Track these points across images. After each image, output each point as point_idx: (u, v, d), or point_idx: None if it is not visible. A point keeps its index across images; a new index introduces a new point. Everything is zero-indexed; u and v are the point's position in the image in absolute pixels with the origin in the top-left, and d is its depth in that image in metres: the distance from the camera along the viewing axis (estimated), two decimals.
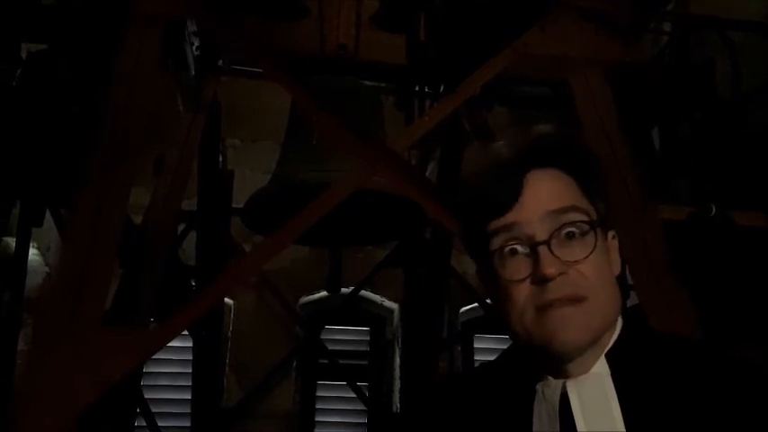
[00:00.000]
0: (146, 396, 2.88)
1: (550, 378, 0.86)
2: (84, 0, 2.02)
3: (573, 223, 0.84)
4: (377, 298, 4.19)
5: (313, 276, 3.52)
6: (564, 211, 0.85)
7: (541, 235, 0.84)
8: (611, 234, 0.91)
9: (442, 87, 2.45)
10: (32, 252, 2.61)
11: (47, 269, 3.08)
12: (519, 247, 0.85)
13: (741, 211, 1.77)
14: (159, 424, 2.94)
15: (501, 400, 0.90)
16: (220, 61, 2.29)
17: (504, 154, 0.89)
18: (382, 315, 4.25)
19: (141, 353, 1.42)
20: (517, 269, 0.84)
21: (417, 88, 2.52)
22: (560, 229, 0.84)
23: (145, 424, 2.84)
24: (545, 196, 0.86)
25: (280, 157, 2.35)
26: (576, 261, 0.83)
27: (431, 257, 2.98)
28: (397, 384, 4.00)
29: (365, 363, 4.13)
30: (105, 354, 1.30)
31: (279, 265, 3.71)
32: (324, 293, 3.86)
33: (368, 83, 2.41)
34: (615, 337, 0.88)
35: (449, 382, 1.25)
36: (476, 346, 4.14)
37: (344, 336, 4.16)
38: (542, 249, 0.83)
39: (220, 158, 2.64)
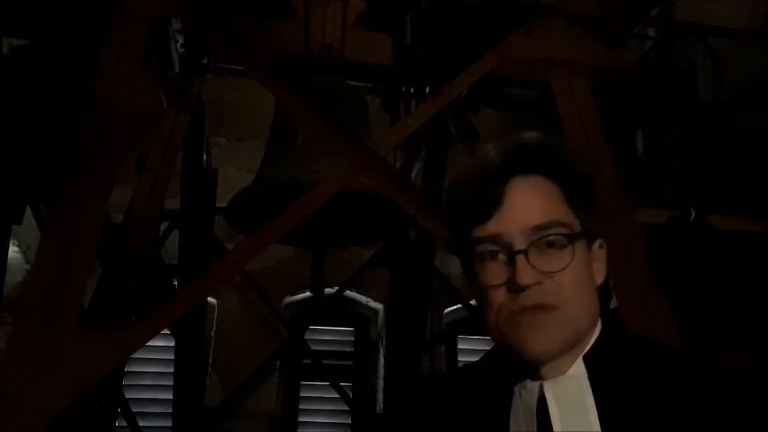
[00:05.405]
0: (127, 396, 2.86)
1: (528, 380, 0.87)
2: None
3: (554, 235, 0.85)
4: (362, 298, 4.18)
5: (298, 276, 3.51)
6: (546, 226, 0.85)
7: (521, 244, 0.85)
8: (597, 243, 0.91)
9: (428, 89, 2.46)
10: (12, 250, 2.59)
11: (27, 267, 3.04)
12: (499, 254, 0.86)
13: (721, 215, 1.79)
14: (141, 424, 2.93)
15: (480, 401, 0.91)
16: (205, 59, 2.28)
17: (491, 159, 0.89)
18: (367, 315, 4.25)
19: (119, 353, 1.41)
20: (496, 274, 0.86)
21: (404, 89, 2.53)
22: (540, 239, 0.85)
23: (126, 424, 2.82)
24: (528, 209, 0.86)
25: (264, 157, 2.34)
26: (553, 272, 0.84)
27: (415, 258, 2.98)
28: (381, 385, 4.00)
29: (349, 363, 4.12)
30: (82, 355, 1.29)
31: (263, 264, 3.70)
32: (308, 293, 3.86)
33: (353, 83, 2.41)
34: (593, 340, 0.89)
35: (431, 382, 1.26)
36: (459, 347, 4.15)
37: (329, 336, 4.15)
38: (520, 258, 0.84)
39: (204, 157, 2.62)
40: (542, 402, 0.85)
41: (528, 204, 0.86)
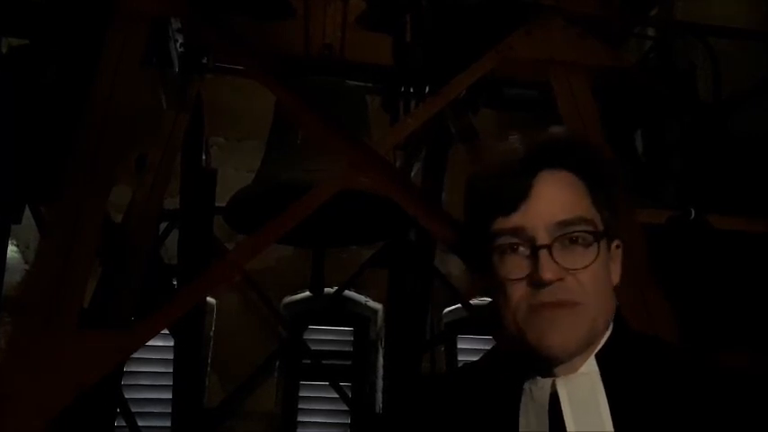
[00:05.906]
0: (126, 396, 2.86)
1: (539, 377, 0.87)
2: None
3: (578, 232, 0.85)
4: (361, 298, 4.19)
5: (297, 276, 3.51)
6: (571, 222, 0.85)
7: (544, 239, 0.84)
8: (615, 244, 0.91)
9: (428, 89, 2.46)
10: (11, 249, 2.59)
11: (26, 267, 3.04)
12: (520, 247, 0.85)
13: (721, 215, 1.79)
14: (140, 424, 2.93)
15: (485, 400, 0.90)
16: (205, 59, 2.28)
17: (517, 152, 0.89)
18: (366, 315, 4.25)
19: (119, 354, 1.41)
20: (516, 268, 0.85)
21: (403, 89, 2.53)
22: (564, 235, 0.85)
23: (125, 424, 2.82)
24: (554, 203, 0.86)
25: (264, 157, 2.34)
26: (576, 269, 0.84)
27: (415, 258, 2.98)
28: (381, 385, 4.00)
29: (348, 363, 4.13)
30: (82, 355, 1.29)
31: (263, 264, 3.70)
32: (308, 293, 3.86)
33: (353, 83, 2.40)
34: (605, 339, 0.89)
35: (431, 382, 1.25)
36: (459, 346, 4.15)
37: (328, 336, 4.15)
38: (543, 254, 0.84)
39: (204, 157, 2.63)
40: (554, 400, 0.85)
41: (554, 199, 0.86)
